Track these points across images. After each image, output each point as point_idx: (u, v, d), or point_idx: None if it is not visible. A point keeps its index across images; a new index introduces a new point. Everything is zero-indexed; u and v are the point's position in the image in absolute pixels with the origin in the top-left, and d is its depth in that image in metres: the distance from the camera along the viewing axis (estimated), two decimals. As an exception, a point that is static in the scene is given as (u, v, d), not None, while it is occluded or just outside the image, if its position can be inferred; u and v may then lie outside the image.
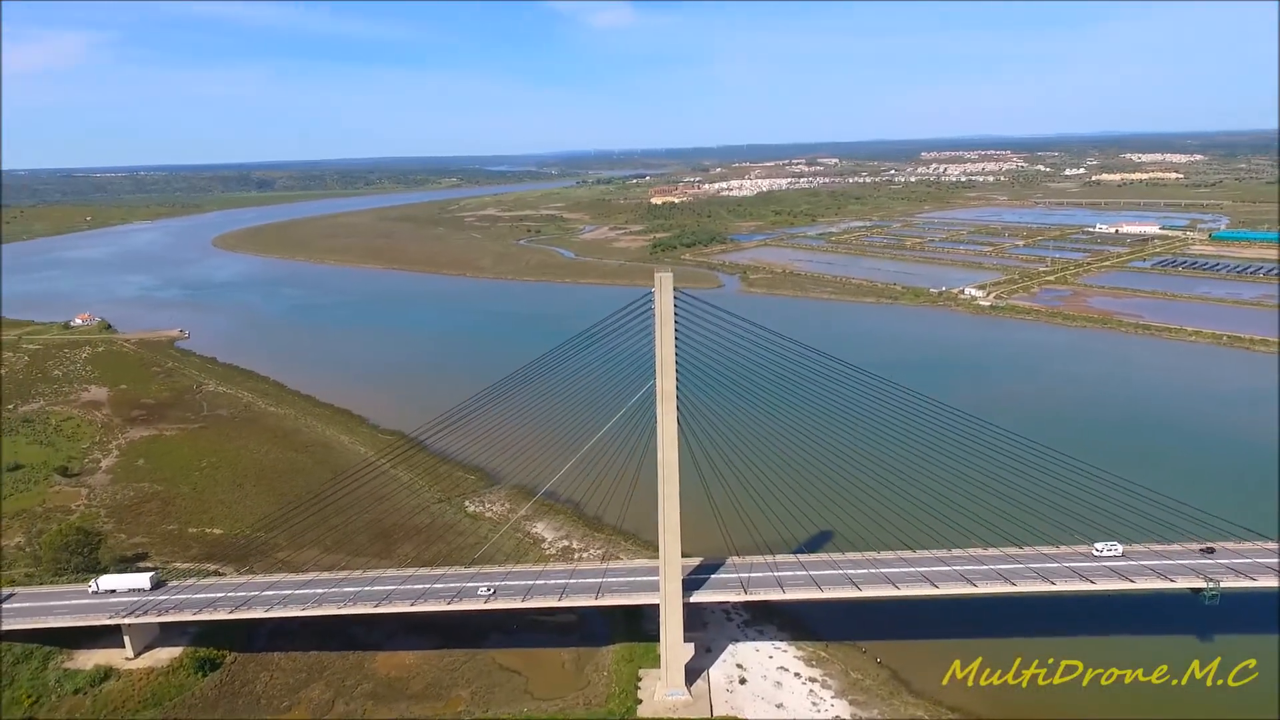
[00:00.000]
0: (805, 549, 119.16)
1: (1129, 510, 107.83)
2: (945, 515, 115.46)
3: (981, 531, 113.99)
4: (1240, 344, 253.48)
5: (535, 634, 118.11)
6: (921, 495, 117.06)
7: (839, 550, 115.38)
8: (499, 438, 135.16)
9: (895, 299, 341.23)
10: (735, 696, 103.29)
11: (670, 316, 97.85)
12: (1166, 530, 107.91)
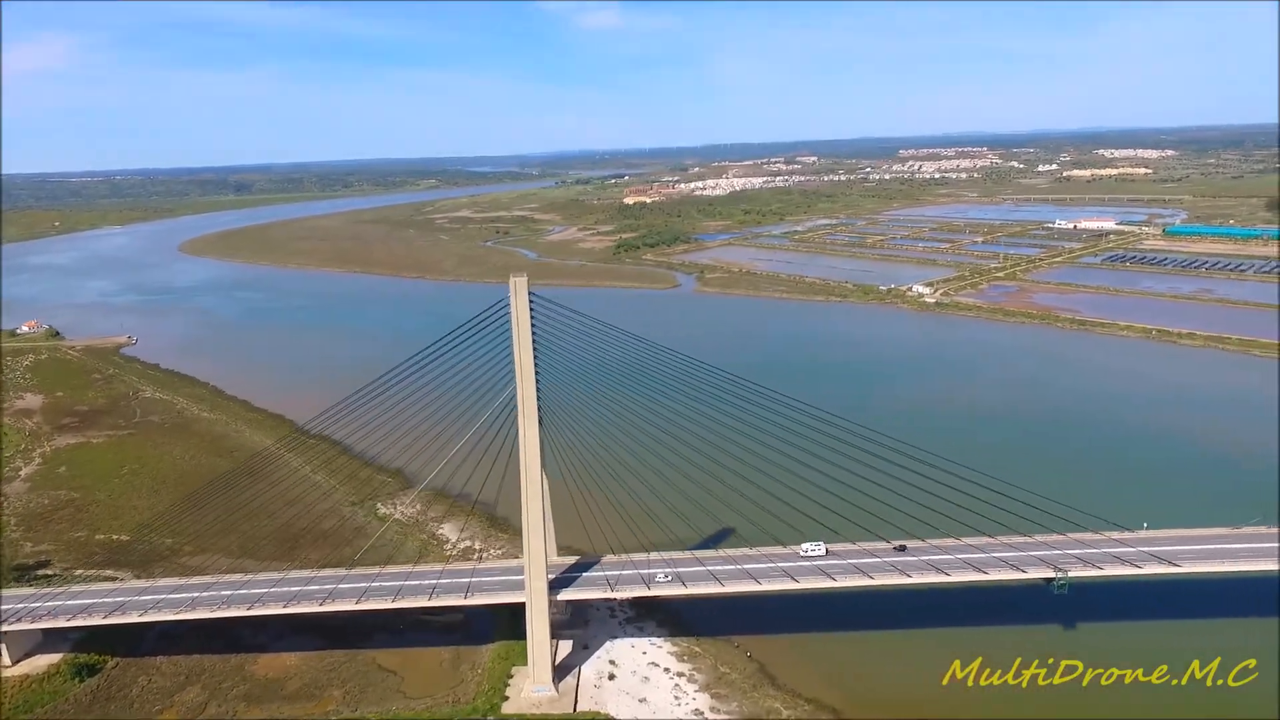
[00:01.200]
0: (680, 548, 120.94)
1: (988, 505, 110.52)
2: (814, 513, 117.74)
3: (846, 528, 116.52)
4: (1168, 338, 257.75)
5: (420, 634, 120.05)
6: (793, 494, 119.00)
7: (713, 549, 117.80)
8: (419, 439, 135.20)
9: (844, 297, 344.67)
10: (601, 692, 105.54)
11: (527, 320, 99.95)
12: (1027, 524, 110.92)
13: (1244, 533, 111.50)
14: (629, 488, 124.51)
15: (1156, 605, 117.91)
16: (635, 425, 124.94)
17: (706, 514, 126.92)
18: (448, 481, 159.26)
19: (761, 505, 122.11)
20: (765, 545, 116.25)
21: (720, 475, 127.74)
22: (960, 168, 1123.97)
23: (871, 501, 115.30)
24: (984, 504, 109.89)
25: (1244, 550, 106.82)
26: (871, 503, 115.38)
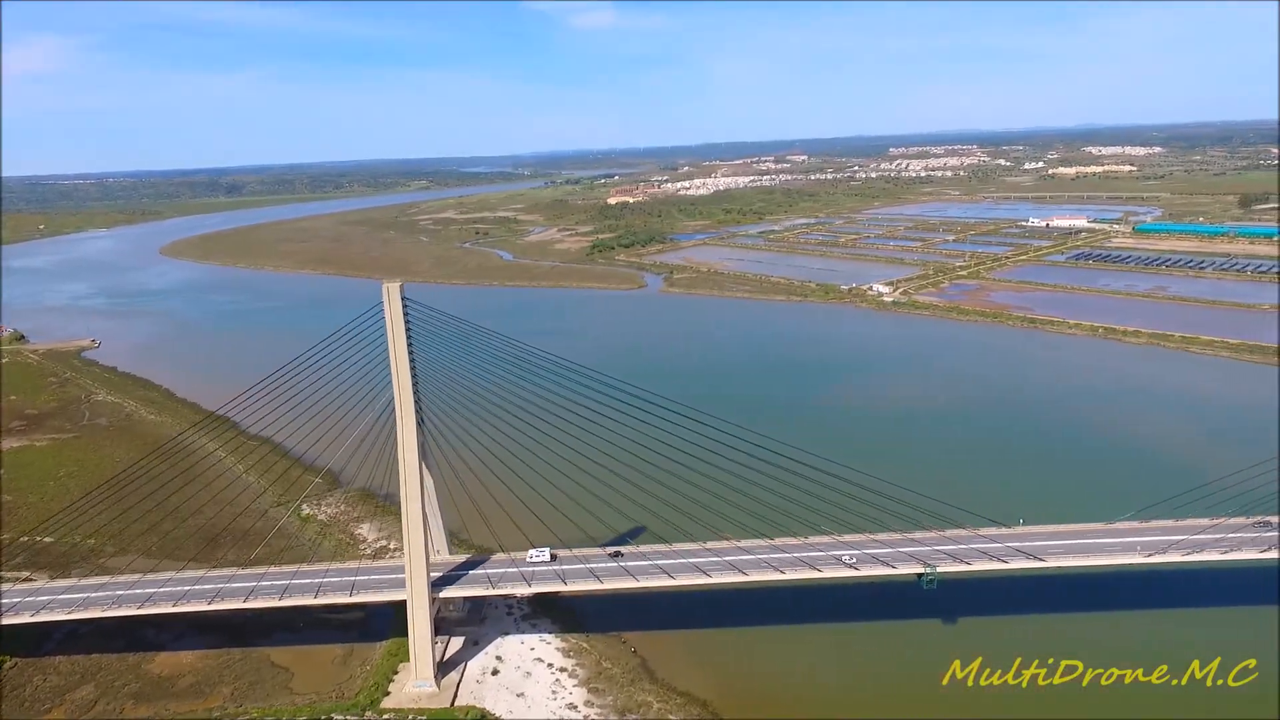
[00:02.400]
0: (576, 546, 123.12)
1: (868, 503, 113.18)
2: (697, 513, 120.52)
3: (726, 526, 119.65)
4: (1113, 335, 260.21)
5: (319, 631, 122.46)
6: (678, 494, 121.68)
7: (604, 545, 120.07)
8: (350, 441, 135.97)
9: (805, 296, 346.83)
10: (482, 687, 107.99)
11: (401, 324, 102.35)
12: (905, 521, 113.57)
13: (1117, 528, 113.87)
14: (533, 488, 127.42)
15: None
16: (532, 428, 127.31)
17: (605, 514, 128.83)
18: (371, 481, 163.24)
19: (651, 506, 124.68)
20: (654, 544, 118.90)
21: (619, 476, 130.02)
22: (948, 166, 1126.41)
23: (756, 500, 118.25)
24: (865, 502, 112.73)
25: (1115, 545, 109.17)
26: (755, 501, 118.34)
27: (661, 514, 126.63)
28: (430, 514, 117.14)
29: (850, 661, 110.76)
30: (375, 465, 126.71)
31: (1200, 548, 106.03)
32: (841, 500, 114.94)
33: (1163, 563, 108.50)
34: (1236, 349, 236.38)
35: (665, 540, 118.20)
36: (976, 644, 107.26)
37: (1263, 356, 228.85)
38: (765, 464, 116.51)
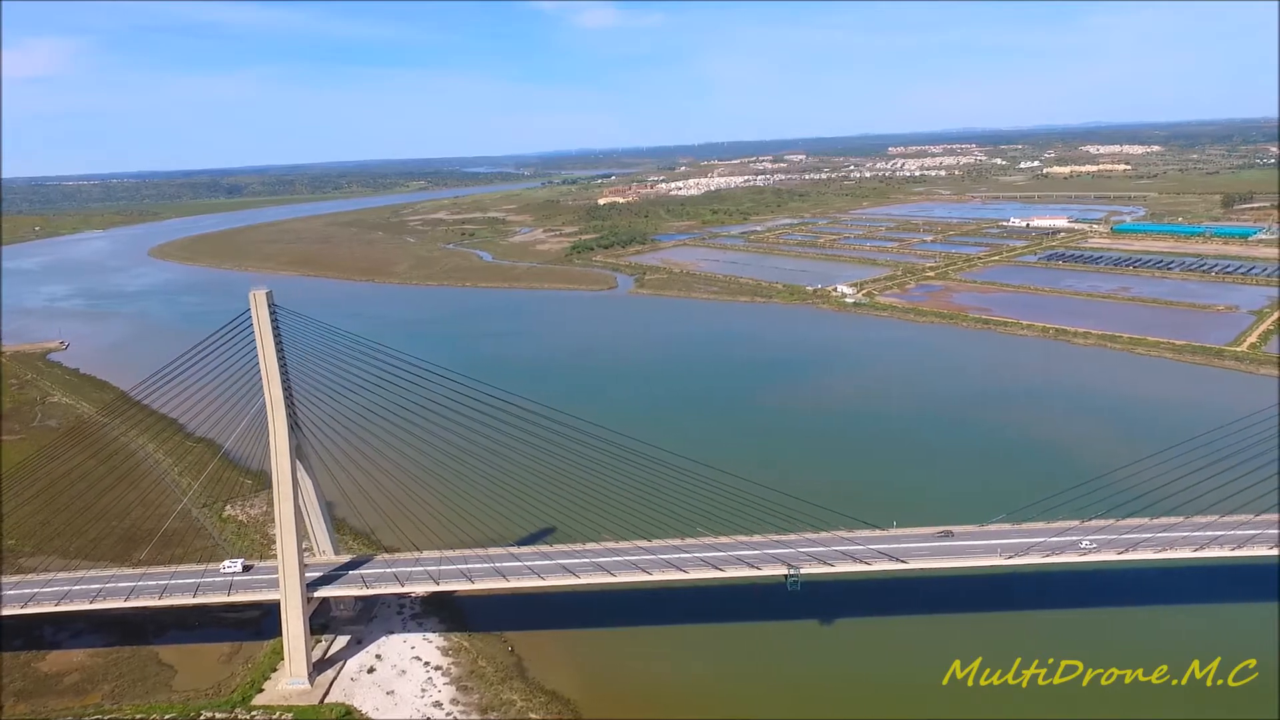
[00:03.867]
0: (456, 545, 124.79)
1: (752, 505, 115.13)
2: (580, 514, 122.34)
3: (586, 529, 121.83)
4: (1063, 336, 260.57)
5: (214, 629, 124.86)
6: (562, 495, 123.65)
7: (486, 546, 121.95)
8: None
9: (770, 297, 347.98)
10: (355, 685, 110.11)
11: (269, 330, 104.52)
12: (784, 524, 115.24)
13: (988, 529, 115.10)
14: (421, 490, 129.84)
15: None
16: (419, 432, 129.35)
17: (489, 515, 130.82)
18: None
19: (539, 508, 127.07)
20: (543, 544, 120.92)
21: (504, 478, 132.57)
22: (943, 165, 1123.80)
23: (643, 503, 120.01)
24: (746, 503, 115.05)
25: (979, 547, 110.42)
26: (643, 504, 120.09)
27: (550, 515, 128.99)
28: (312, 515, 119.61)
29: (722, 661, 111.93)
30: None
31: (1060, 549, 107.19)
32: (724, 501, 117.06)
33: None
34: (1180, 350, 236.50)
35: (549, 542, 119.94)
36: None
37: (1203, 358, 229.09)
38: (652, 467, 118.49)
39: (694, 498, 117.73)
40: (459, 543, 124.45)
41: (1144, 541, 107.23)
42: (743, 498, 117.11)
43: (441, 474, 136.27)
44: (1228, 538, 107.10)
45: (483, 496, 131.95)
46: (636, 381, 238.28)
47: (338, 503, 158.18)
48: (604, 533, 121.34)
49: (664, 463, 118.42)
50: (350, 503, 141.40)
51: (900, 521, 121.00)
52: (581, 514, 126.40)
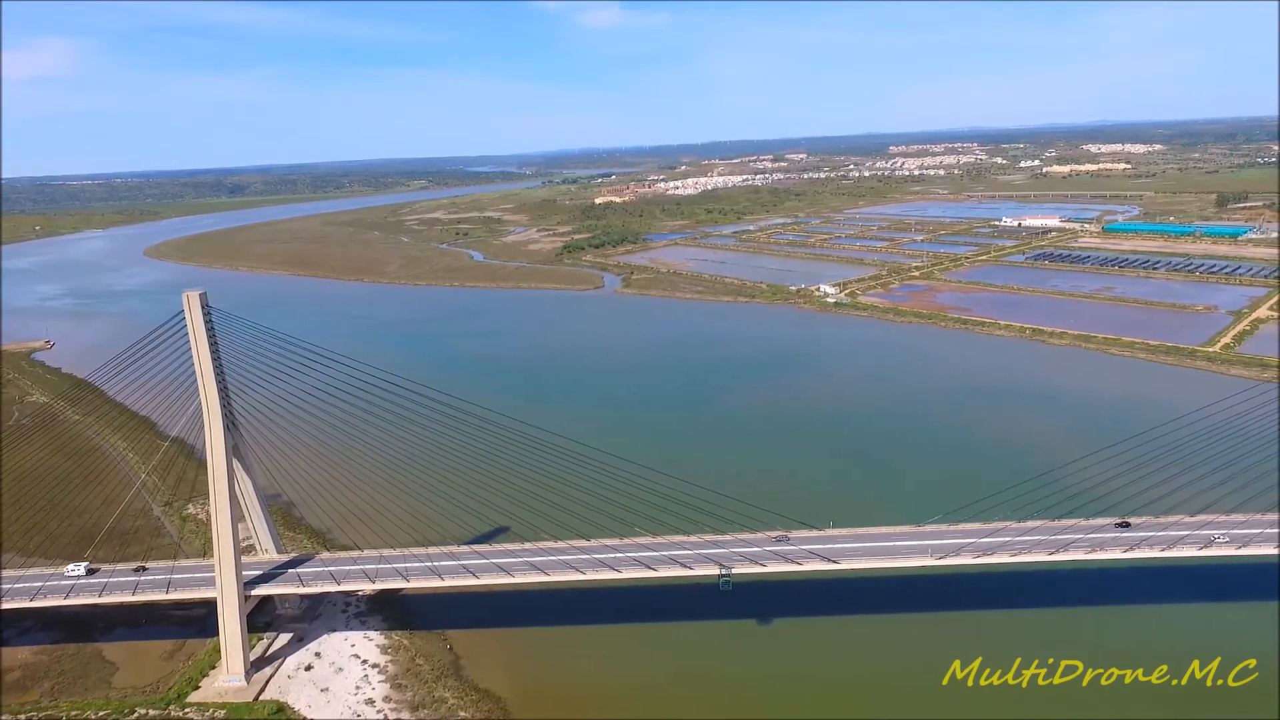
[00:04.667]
0: (398, 545, 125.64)
1: (691, 505, 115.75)
2: (524, 515, 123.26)
3: (529, 530, 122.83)
4: (1040, 336, 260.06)
5: (160, 627, 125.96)
6: (507, 496, 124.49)
7: (427, 545, 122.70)
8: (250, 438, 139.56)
9: (753, 297, 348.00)
10: (292, 682, 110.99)
11: (203, 331, 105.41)
12: (722, 524, 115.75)
13: (924, 530, 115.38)
14: (376, 490, 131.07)
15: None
16: (370, 434, 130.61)
17: (432, 515, 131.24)
18: (263, 482, 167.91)
19: (484, 509, 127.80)
20: (484, 544, 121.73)
21: (455, 480, 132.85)
22: (943, 164, 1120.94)
23: (583, 503, 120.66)
24: (684, 504, 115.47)
25: (911, 548, 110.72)
26: (583, 504, 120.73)
27: (494, 516, 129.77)
28: (253, 514, 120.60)
29: (658, 660, 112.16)
30: (269, 463, 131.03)
31: (990, 550, 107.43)
32: (666, 502, 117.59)
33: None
34: (1154, 350, 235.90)
35: (497, 540, 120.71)
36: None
37: (1175, 358, 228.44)
38: (598, 469, 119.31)
39: (637, 499, 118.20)
40: (403, 542, 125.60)
41: (1075, 542, 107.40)
42: (684, 499, 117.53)
43: (389, 475, 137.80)
44: (1158, 538, 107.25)
45: (429, 497, 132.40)
46: (601, 381, 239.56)
47: (298, 503, 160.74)
48: (547, 533, 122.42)
49: (607, 465, 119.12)
50: (302, 502, 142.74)
51: (845, 521, 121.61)
52: (525, 515, 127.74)
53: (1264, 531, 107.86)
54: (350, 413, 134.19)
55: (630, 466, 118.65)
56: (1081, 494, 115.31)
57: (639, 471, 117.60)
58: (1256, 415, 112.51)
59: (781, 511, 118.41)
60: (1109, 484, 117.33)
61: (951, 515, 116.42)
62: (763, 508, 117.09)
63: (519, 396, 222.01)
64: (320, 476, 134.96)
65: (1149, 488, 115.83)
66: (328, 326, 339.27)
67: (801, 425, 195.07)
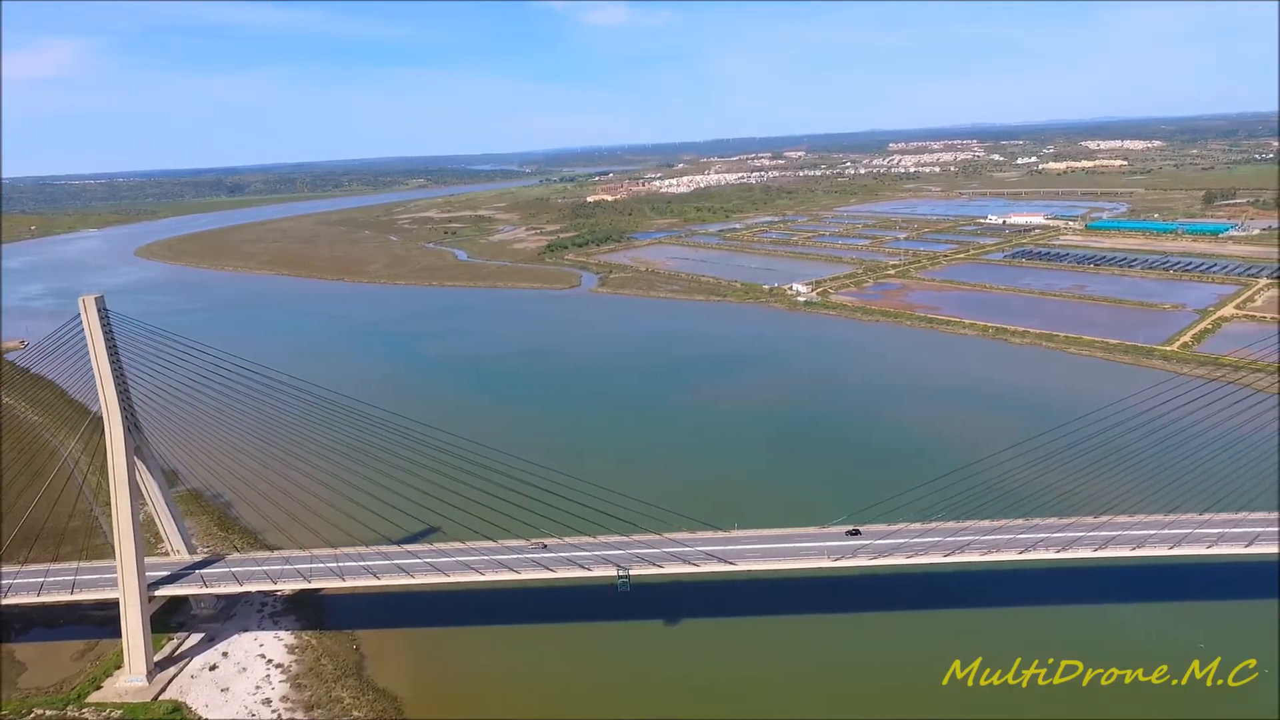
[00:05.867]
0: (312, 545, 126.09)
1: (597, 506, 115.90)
2: (439, 517, 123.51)
3: (448, 531, 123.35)
4: (1002, 335, 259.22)
5: (75, 626, 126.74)
6: (424, 499, 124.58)
7: (337, 546, 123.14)
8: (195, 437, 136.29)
9: (725, 296, 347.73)
10: (194, 682, 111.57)
11: (100, 335, 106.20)
12: (627, 526, 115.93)
13: (829, 530, 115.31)
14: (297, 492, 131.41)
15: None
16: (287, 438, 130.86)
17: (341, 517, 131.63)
18: (203, 481, 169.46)
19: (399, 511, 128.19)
20: (389, 545, 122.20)
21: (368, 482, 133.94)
22: (940, 161, 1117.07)
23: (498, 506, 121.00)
24: (588, 505, 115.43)
25: (811, 550, 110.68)
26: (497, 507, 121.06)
27: (409, 519, 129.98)
28: (162, 515, 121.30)
29: (558, 660, 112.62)
30: (210, 464, 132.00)
31: (886, 552, 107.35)
32: (576, 504, 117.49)
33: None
34: (1111, 349, 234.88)
35: (407, 541, 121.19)
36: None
37: (1132, 357, 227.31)
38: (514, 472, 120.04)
39: (549, 501, 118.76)
40: (329, 542, 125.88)
41: (970, 544, 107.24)
42: (595, 501, 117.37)
43: (319, 477, 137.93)
44: (1054, 540, 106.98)
45: (362, 499, 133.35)
46: (549, 381, 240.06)
47: (235, 503, 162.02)
48: (477, 534, 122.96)
49: (530, 468, 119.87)
50: (239, 503, 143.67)
51: (766, 521, 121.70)
52: (440, 517, 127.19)
53: (1159, 532, 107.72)
54: (284, 418, 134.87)
55: (552, 469, 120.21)
56: (981, 493, 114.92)
57: (554, 474, 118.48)
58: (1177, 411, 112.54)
59: (707, 509, 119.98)
60: (1014, 481, 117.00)
61: (856, 517, 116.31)
62: (669, 509, 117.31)
63: (461, 398, 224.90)
64: (256, 479, 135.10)
65: (1050, 485, 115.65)
66: (297, 325, 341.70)
67: (738, 425, 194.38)
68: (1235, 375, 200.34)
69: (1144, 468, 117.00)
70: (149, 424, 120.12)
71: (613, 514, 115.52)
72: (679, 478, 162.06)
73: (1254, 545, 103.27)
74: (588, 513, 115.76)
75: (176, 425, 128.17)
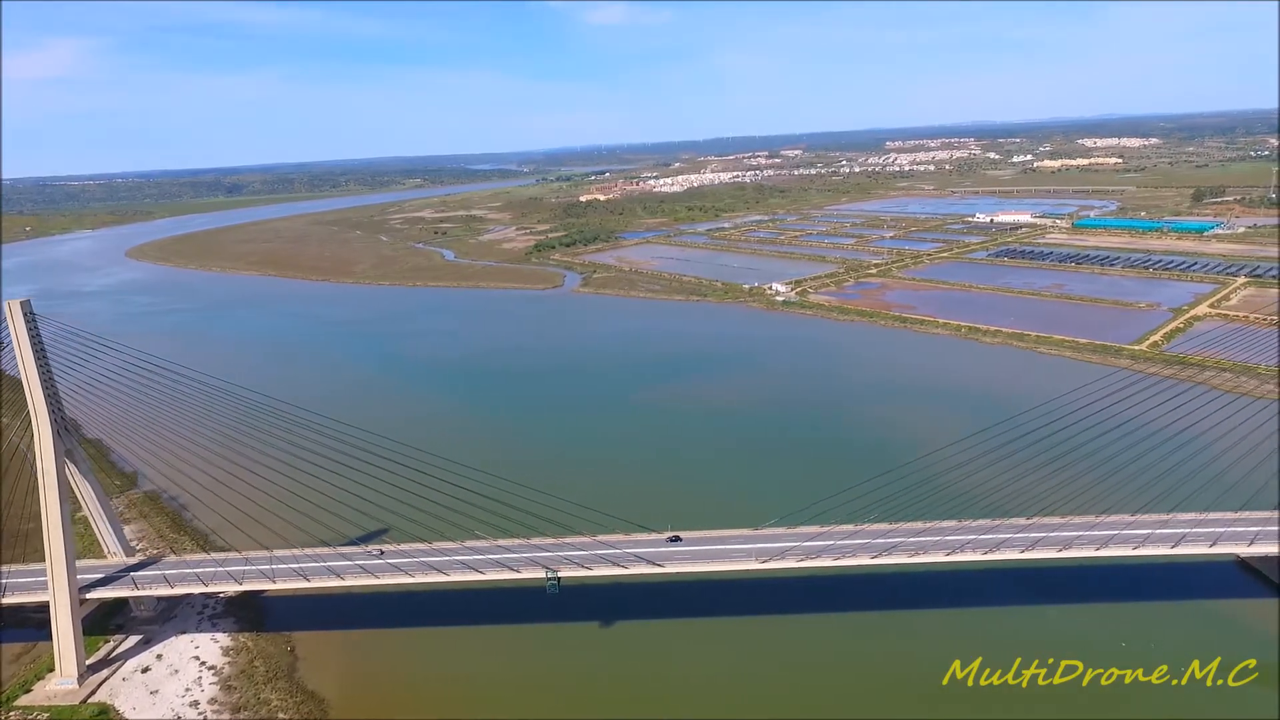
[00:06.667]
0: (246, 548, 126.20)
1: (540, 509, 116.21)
2: (381, 519, 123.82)
3: (404, 531, 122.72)
4: (974, 335, 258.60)
5: (20, 629, 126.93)
6: (366, 501, 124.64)
7: (271, 549, 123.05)
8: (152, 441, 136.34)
9: (705, 296, 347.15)
10: (125, 685, 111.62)
11: (26, 339, 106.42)
12: (560, 529, 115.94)
13: (761, 533, 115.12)
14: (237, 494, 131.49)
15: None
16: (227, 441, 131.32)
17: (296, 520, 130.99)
18: (162, 483, 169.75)
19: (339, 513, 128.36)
20: (326, 548, 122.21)
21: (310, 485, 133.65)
22: (935, 160, 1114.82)
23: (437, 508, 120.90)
24: (531, 509, 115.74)
25: (739, 551, 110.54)
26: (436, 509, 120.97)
27: (351, 521, 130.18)
28: (97, 518, 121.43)
29: (492, 661, 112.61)
30: (167, 467, 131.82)
31: (815, 554, 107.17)
32: (513, 507, 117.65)
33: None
34: (1080, 349, 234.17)
35: (330, 544, 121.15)
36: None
37: (1100, 356, 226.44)
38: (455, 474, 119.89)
39: (490, 505, 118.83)
40: (269, 545, 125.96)
41: (898, 546, 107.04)
42: (531, 504, 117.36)
43: (260, 480, 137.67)
44: (982, 543, 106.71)
45: (302, 501, 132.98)
46: (509, 382, 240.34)
47: (191, 508, 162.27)
48: (404, 537, 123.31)
49: (465, 472, 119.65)
50: (193, 505, 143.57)
51: (708, 522, 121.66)
52: (388, 519, 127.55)
53: (1084, 534, 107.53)
54: (240, 423, 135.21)
55: (496, 472, 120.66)
56: (913, 490, 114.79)
57: (498, 477, 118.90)
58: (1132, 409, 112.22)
59: (651, 510, 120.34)
60: (946, 481, 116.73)
61: (788, 519, 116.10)
62: (608, 512, 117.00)
63: (416, 399, 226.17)
64: (212, 481, 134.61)
65: (977, 486, 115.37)
66: (271, 326, 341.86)
67: (692, 425, 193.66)
68: (1201, 375, 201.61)
69: (1103, 466, 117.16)
70: (105, 426, 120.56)
71: (550, 517, 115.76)
72: (624, 478, 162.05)
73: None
74: (524, 516, 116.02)
75: (134, 429, 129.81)
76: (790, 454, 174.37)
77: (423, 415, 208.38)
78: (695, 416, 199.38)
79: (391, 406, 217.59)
